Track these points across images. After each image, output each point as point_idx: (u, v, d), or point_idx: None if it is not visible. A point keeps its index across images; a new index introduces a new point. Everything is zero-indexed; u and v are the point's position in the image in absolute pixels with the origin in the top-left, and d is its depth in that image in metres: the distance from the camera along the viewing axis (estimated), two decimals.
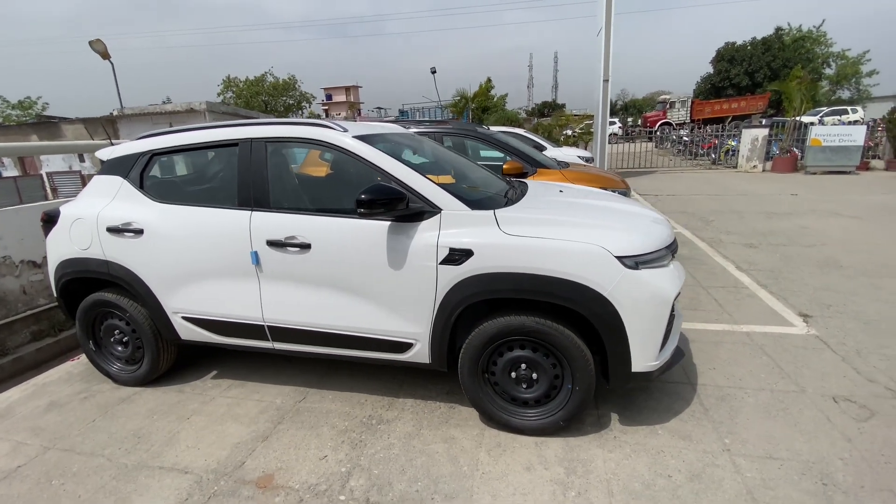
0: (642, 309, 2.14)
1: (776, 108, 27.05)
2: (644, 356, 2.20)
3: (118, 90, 14.67)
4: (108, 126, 13.18)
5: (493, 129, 10.12)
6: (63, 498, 2.22)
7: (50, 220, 3.09)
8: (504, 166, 4.72)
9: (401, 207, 2.28)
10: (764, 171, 12.87)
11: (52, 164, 14.32)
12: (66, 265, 3.04)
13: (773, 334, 3.44)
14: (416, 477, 2.21)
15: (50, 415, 2.93)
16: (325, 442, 2.50)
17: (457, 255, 2.28)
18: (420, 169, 2.50)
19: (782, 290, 4.27)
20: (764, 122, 14.20)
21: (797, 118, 13.28)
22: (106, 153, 3.07)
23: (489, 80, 34.31)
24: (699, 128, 19.47)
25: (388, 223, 2.38)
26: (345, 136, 2.54)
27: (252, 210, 2.63)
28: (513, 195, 2.82)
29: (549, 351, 2.31)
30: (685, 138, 18.10)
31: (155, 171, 2.98)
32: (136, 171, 2.93)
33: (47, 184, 13.82)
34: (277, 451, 2.45)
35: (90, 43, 12.87)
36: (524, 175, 4.80)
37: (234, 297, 2.73)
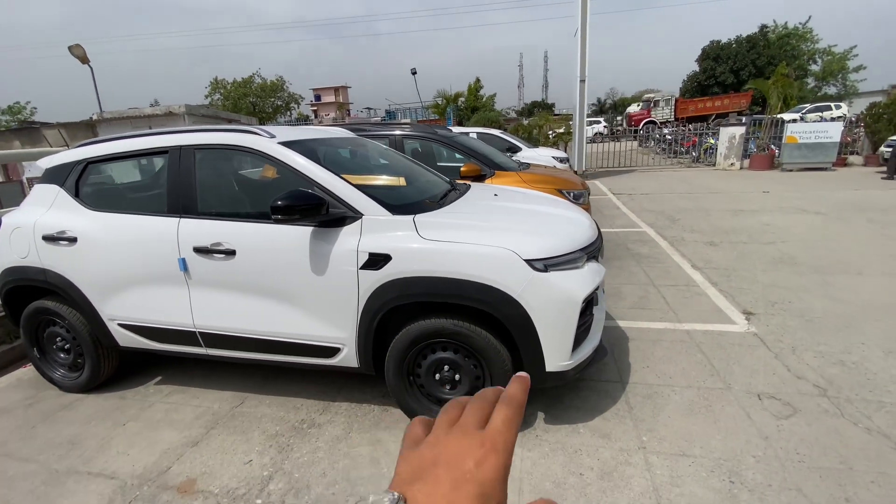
0: (552, 310, 2.19)
1: (762, 105, 27.32)
2: (557, 356, 2.25)
3: (97, 94, 14.60)
4: (88, 130, 13.11)
5: (471, 129, 10.18)
6: None
7: None
8: (462, 168, 4.76)
9: (320, 213, 2.31)
10: (741, 168, 13.00)
11: (32, 170, 14.22)
12: (8, 273, 3.05)
13: (713, 332, 3.50)
14: (335, 480, 2.25)
15: None
16: (253, 446, 2.53)
17: (376, 260, 2.31)
18: (350, 173, 2.53)
19: (731, 288, 4.33)
20: (744, 119, 14.32)
21: (775, 115, 13.41)
22: (45, 161, 3.08)
23: (478, 81, 34.36)
24: (683, 126, 19.61)
25: (311, 228, 2.42)
26: (270, 142, 2.57)
27: (180, 217, 2.65)
28: (448, 199, 2.86)
29: (469, 352, 2.35)
30: (668, 137, 18.22)
31: (91, 179, 3.00)
32: (72, 179, 2.94)
33: (27, 189, 13.74)
34: (205, 455, 2.48)
35: (69, 48, 12.79)
36: (482, 177, 4.85)
37: (165, 304, 2.75)
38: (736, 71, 34.61)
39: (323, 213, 2.32)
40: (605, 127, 26.91)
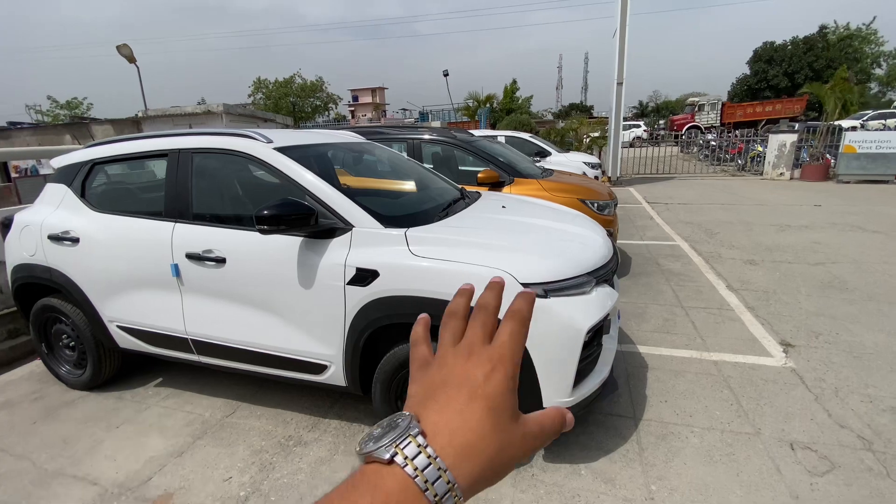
0: (550, 341, 1.97)
1: (818, 111, 25.62)
2: (555, 391, 2.03)
3: (143, 92, 15.28)
4: (133, 126, 13.73)
5: (499, 133, 9.94)
6: None
7: (6, 225, 3.16)
8: (479, 175, 4.57)
9: (309, 224, 2.19)
10: (792, 178, 12.12)
11: (46, 168, 14.98)
12: (18, 270, 3.11)
13: (744, 365, 3.17)
14: None
15: (0, 413, 3.00)
16: (235, 462, 2.44)
17: (364, 276, 2.17)
18: (351, 180, 2.40)
19: (770, 315, 3.94)
20: (797, 126, 13.37)
21: (832, 122, 12.44)
22: (56, 161, 3.12)
23: (514, 82, 33.95)
24: (729, 132, 18.61)
25: (301, 239, 2.30)
26: (265, 148, 2.47)
27: (175, 221, 2.60)
28: (452, 210, 2.69)
29: None
30: (712, 143, 17.32)
31: (97, 180, 3.00)
32: (79, 179, 2.95)
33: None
34: (187, 468, 2.41)
35: (117, 47, 13.43)
36: (500, 184, 4.65)
37: (159, 309, 2.70)
38: (790, 74, 32.67)
39: (311, 224, 2.20)
40: (644, 131, 25.93)
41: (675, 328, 3.77)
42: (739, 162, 14.87)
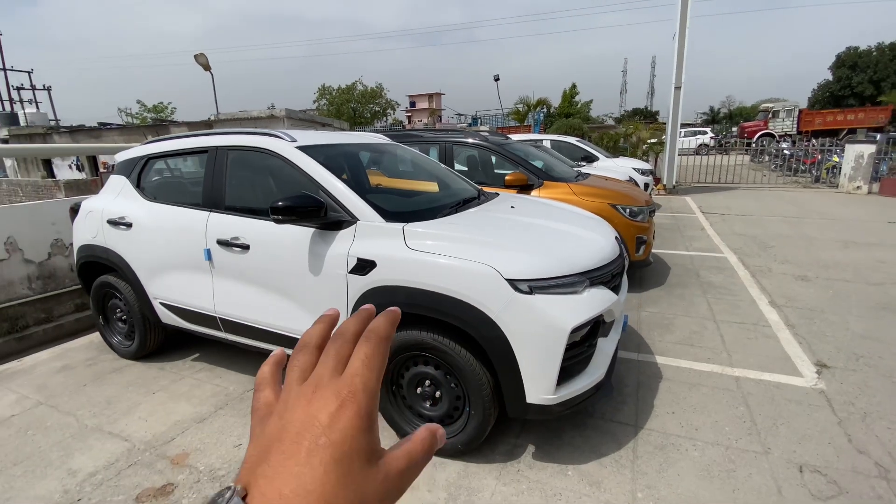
0: (533, 337, 2.00)
1: None
2: (539, 388, 2.05)
3: (216, 97, 16.62)
4: (206, 128, 14.96)
5: (543, 137, 9.86)
6: (27, 446, 2.61)
7: (75, 210, 3.63)
8: (506, 177, 4.61)
9: (319, 216, 2.36)
10: (870, 192, 11.00)
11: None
12: (82, 250, 3.55)
13: (768, 383, 2.98)
14: None
15: (58, 376, 3.44)
16: (247, 431, 2.64)
17: (363, 266, 2.30)
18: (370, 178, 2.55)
19: (811, 333, 3.67)
20: (878, 136, 12.12)
21: None
22: (120, 156, 3.54)
23: (574, 86, 33.33)
24: (805, 140, 17.19)
25: (313, 230, 2.48)
26: (287, 146, 2.68)
27: (210, 211, 2.87)
28: (462, 209, 2.78)
29: (450, 370, 2.25)
30: (785, 151, 16.08)
31: (150, 172, 3.37)
32: (136, 172, 3.34)
33: None
34: (205, 433, 2.66)
35: (195, 56, 14.70)
36: (529, 187, 4.66)
37: (194, 289, 2.99)
38: (876, 82, 29.68)
39: (321, 216, 2.37)
40: (711, 138, 24.50)
41: (700, 341, 3.60)
42: (814, 173, 13.72)
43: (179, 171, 3.87)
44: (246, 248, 2.69)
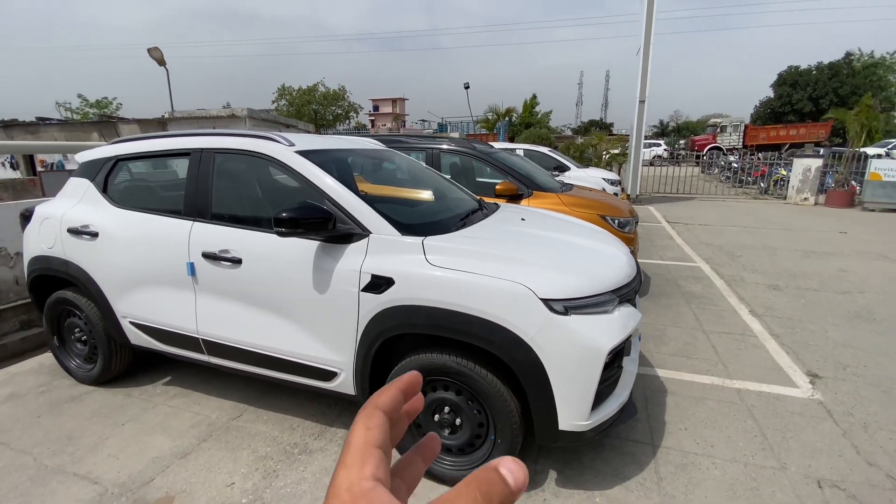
0: (570, 360, 1.89)
1: (843, 137, 25.15)
2: (573, 413, 1.94)
3: (170, 94, 15.67)
4: (159, 127, 14.04)
5: (517, 146, 9.91)
6: None
7: (27, 216, 3.20)
8: (497, 187, 4.52)
9: (327, 229, 2.16)
10: (816, 204, 11.83)
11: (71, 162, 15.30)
12: (35, 262, 3.13)
13: (769, 395, 3.03)
14: None
15: (5, 406, 3.00)
16: (239, 467, 2.38)
17: (378, 283, 2.12)
18: (370, 186, 2.37)
19: (795, 343, 3.79)
20: (822, 151, 13.10)
21: (857, 149, 12.16)
22: (81, 156, 3.16)
23: (534, 97, 34.02)
24: (751, 154, 18.33)
25: (318, 243, 2.27)
26: (287, 150, 2.46)
27: (194, 220, 2.59)
28: (470, 220, 2.64)
29: (473, 396, 2.10)
30: (734, 164, 17.06)
31: (119, 176, 3.02)
32: (102, 175, 2.98)
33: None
34: (190, 471, 2.36)
35: (148, 50, 13.81)
36: (518, 197, 4.59)
37: (173, 307, 2.69)
38: (815, 99, 32.22)
39: (329, 229, 2.17)
40: (665, 150, 25.70)
41: (695, 352, 3.64)
42: (762, 185, 14.60)
43: (154, 175, 3.51)
44: (237, 262, 2.44)
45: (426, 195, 2.96)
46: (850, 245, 7.36)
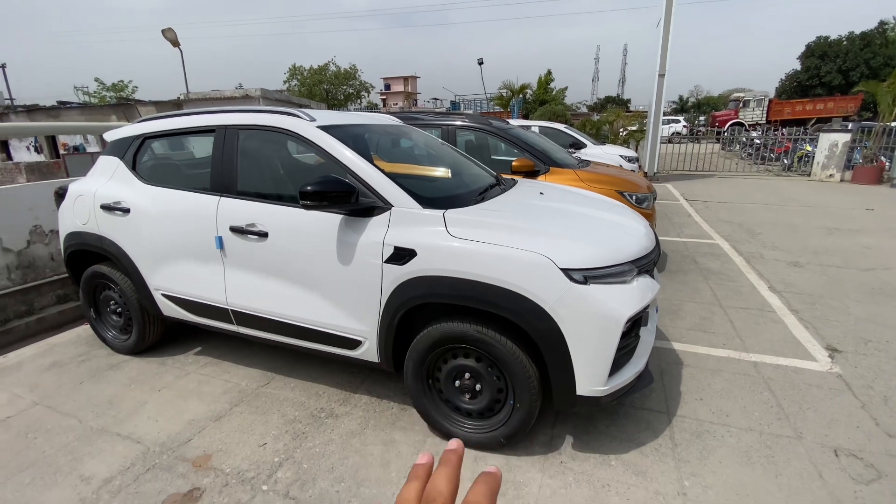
0: (588, 328, 1.94)
1: (873, 111, 24.15)
2: (590, 379, 2.00)
3: (185, 75, 15.77)
4: (175, 109, 14.20)
5: (533, 123, 9.79)
6: (30, 451, 2.40)
7: (61, 194, 3.33)
8: (513, 163, 4.52)
9: (349, 202, 2.21)
10: (842, 180, 11.49)
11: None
12: (70, 237, 3.27)
13: (786, 367, 3.04)
14: (342, 477, 2.17)
15: (49, 373, 3.18)
16: (270, 429, 2.52)
17: (401, 255, 2.18)
18: (390, 162, 2.42)
19: (815, 318, 3.77)
20: (850, 125, 12.63)
21: (888, 123, 11.69)
22: (109, 135, 3.25)
23: (549, 73, 33.23)
24: (775, 130, 17.76)
25: (341, 216, 2.33)
26: (309, 126, 2.51)
27: (220, 196, 2.67)
28: (489, 195, 2.67)
29: (493, 362, 2.17)
30: (756, 140, 16.58)
31: (147, 153, 3.11)
32: (131, 152, 3.07)
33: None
34: (224, 432, 2.50)
35: (162, 31, 13.87)
36: (535, 173, 4.58)
37: (203, 279, 2.80)
38: (845, 71, 30.82)
39: (352, 202, 2.22)
40: (684, 126, 25.04)
41: (712, 327, 3.65)
42: (785, 161, 14.20)
43: (181, 152, 3.60)
44: (264, 235, 2.52)
45: (444, 171, 2.99)
46: (877, 222, 7.18)
